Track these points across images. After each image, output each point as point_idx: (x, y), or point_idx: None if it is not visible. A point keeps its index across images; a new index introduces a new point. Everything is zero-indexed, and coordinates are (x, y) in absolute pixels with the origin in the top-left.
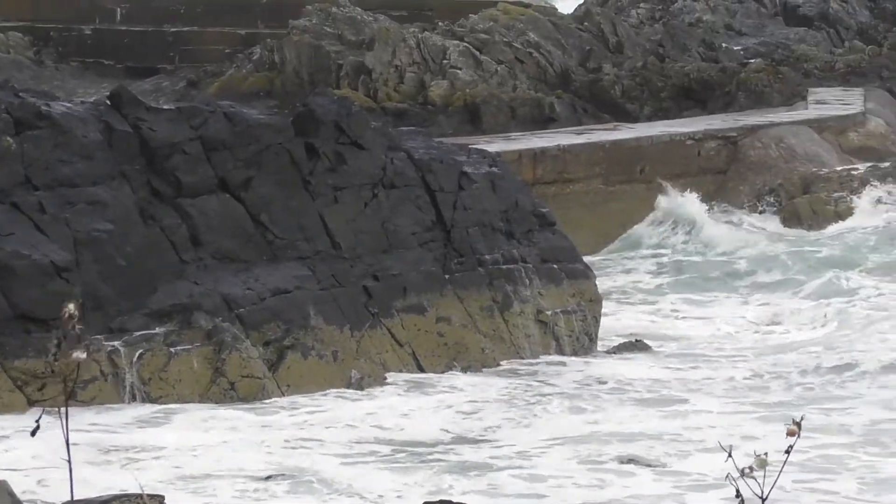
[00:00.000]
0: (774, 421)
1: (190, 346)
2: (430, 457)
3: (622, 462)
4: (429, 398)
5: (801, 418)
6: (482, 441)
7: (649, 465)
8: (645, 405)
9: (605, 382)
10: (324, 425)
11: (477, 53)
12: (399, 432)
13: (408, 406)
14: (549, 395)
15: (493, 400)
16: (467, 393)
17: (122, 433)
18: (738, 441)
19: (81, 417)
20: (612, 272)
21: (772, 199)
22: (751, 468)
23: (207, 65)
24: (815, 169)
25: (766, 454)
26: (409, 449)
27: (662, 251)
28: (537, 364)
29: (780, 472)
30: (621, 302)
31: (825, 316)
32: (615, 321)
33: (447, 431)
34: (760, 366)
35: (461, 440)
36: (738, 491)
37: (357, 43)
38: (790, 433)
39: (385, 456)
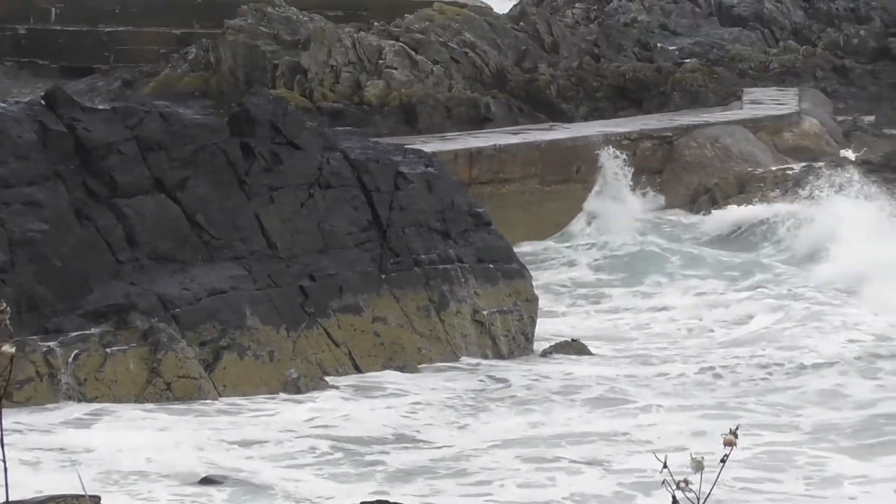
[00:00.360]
0: (722, 418)
1: (126, 347)
2: (372, 458)
3: (571, 461)
4: (371, 400)
5: (737, 427)
6: (425, 442)
7: (596, 465)
8: (593, 404)
9: (549, 379)
10: (262, 426)
11: (412, 53)
12: (340, 434)
13: (349, 407)
14: (494, 395)
15: (435, 401)
16: (410, 394)
17: (55, 434)
18: (687, 439)
19: (15, 417)
20: (553, 265)
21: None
22: (686, 481)
23: (142, 65)
24: (750, 169)
25: (702, 457)
26: (350, 449)
27: (598, 241)
28: (478, 364)
29: (716, 480)
30: (563, 295)
31: (752, 313)
32: (555, 319)
33: (389, 433)
34: (707, 362)
35: (404, 442)
36: (674, 497)
37: (292, 43)
38: (727, 443)
39: (325, 458)
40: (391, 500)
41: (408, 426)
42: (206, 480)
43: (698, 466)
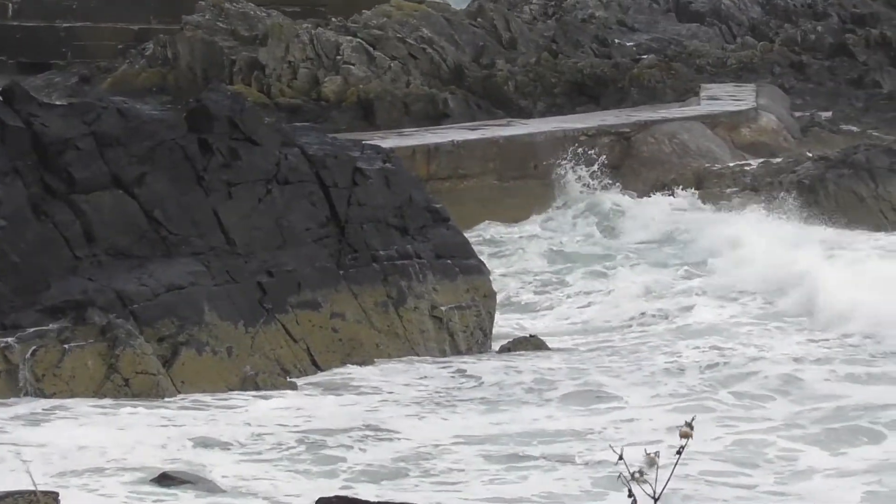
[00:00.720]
0: (695, 411)
1: (84, 343)
2: (341, 455)
3: (542, 458)
4: (339, 396)
5: (693, 419)
6: (394, 439)
7: (569, 462)
8: (565, 399)
9: (520, 373)
10: (224, 422)
11: (370, 49)
12: (307, 430)
13: (316, 403)
14: (466, 391)
15: (406, 398)
16: (380, 391)
17: (11, 430)
18: (663, 434)
19: None
20: (507, 251)
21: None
22: (640, 472)
23: (100, 60)
24: (707, 165)
25: (656, 453)
26: (317, 445)
27: (556, 235)
28: (444, 360)
29: (673, 470)
30: (521, 288)
31: (708, 307)
32: (513, 314)
33: (358, 430)
34: (675, 355)
35: (373, 438)
36: (630, 491)
37: (250, 39)
38: (683, 435)
39: (291, 455)
40: (359, 496)
41: (375, 422)
42: (165, 477)
43: (651, 462)
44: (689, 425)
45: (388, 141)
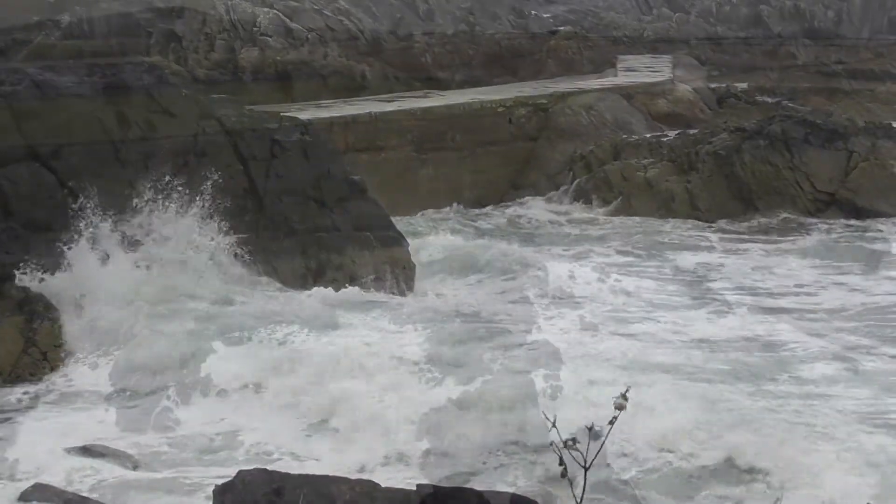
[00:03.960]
0: (633, 368)
1: (1, 317)
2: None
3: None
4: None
5: (628, 390)
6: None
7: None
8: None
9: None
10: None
11: (287, 21)
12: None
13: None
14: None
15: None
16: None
17: None
18: (585, 386)
19: None
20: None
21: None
22: (574, 440)
23: (16, 32)
24: (624, 136)
25: (625, 393)
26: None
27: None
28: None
29: (603, 443)
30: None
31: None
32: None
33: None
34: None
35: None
36: (561, 459)
37: (167, 10)
38: (618, 407)
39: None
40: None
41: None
42: (85, 450)
43: (596, 436)
44: (624, 397)
45: (306, 113)
